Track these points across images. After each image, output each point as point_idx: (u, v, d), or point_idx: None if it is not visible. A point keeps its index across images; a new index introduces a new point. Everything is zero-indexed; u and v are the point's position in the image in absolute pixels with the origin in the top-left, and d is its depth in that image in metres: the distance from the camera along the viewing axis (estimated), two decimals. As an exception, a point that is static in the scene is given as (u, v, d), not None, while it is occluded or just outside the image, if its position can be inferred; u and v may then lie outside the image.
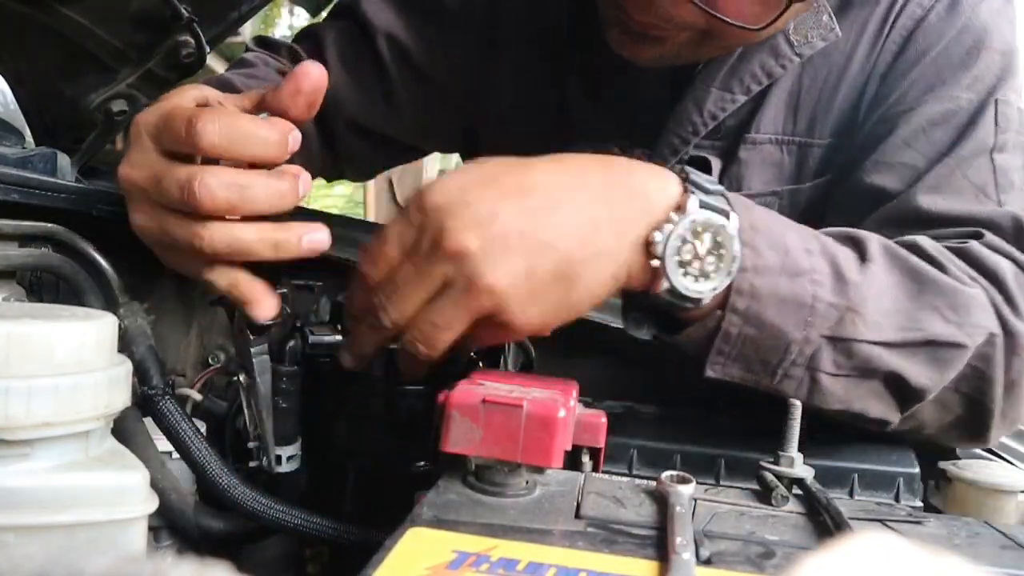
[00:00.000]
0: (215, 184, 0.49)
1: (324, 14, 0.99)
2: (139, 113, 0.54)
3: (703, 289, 0.52)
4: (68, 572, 0.21)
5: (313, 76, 0.52)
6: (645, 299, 0.54)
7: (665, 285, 0.51)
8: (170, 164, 0.51)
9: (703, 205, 0.51)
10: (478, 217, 0.48)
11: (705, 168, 0.84)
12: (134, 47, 0.68)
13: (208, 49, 0.68)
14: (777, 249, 0.54)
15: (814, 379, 0.56)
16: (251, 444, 0.61)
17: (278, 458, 0.60)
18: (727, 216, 0.52)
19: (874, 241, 0.60)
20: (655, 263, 0.51)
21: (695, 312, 0.54)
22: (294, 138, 0.53)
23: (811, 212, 0.87)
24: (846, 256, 0.58)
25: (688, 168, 0.55)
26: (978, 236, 0.68)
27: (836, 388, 0.57)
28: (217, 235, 0.51)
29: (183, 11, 0.63)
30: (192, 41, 0.67)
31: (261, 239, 0.52)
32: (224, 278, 0.53)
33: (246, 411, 0.60)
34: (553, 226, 0.50)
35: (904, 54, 0.79)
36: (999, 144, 0.74)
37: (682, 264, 0.51)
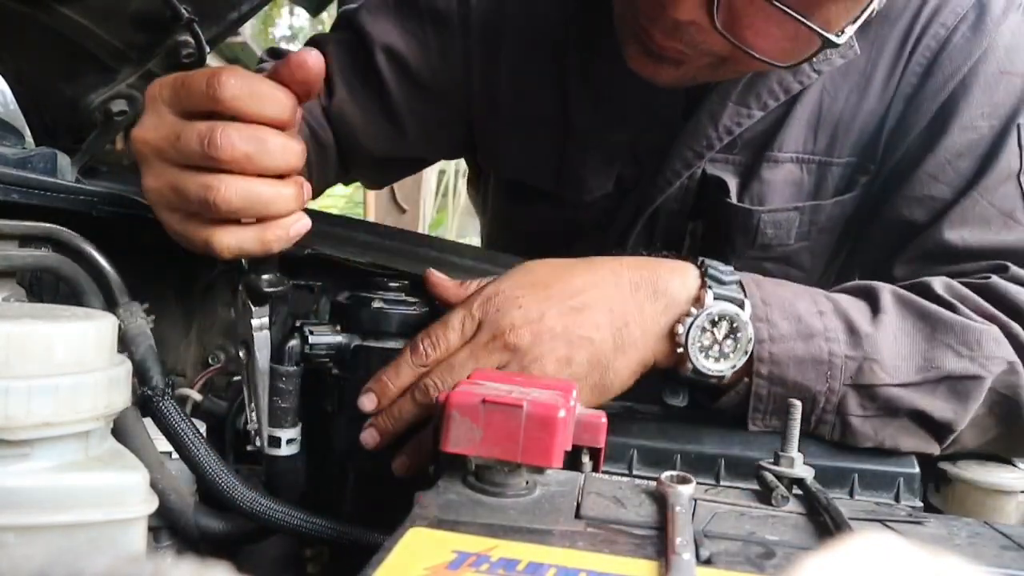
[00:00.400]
0: (236, 135, 0.50)
1: (324, 15, 0.98)
2: (152, 84, 0.54)
3: (723, 368, 0.59)
4: (68, 572, 0.21)
5: (308, 65, 0.53)
6: (676, 374, 0.62)
7: (690, 366, 0.60)
8: (189, 122, 0.52)
9: (718, 297, 0.59)
10: (529, 316, 0.58)
11: (722, 190, 0.85)
12: (134, 47, 0.68)
13: (208, 49, 0.68)
14: (789, 318, 0.60)
15: (845, 422, 0.61)
16: (250, 426, 0.60)
17: (277, 440, 0.60)
18: (741, 305, 0.59)
19: (886, 291, 0.64)
20: (680, 350, 0.59)
21: (725, 382, 0.61)
22: (299, 114, 0.55)
23: (832, 229, 0.89)
24: (859, 310, 0.62)
25: (709, 262, 0.61)
26: (1003, 269, 0.71)
27: (866, 428, 0.61)
28: (233, 187, 0.51)
29: (183, 11, 0.63)
30: (192, 41, 0.67)
31: (276, 194, 0.53)
32: (233, 238, 0.53)
33: (244, 389, 0.60)
34: (589, 324, 0.59)
35: (931, 77, 0.79)
36: None
37: (703, 349, 0.59)
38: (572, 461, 0.48)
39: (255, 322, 0.57)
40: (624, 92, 0.85)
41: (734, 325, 0.59)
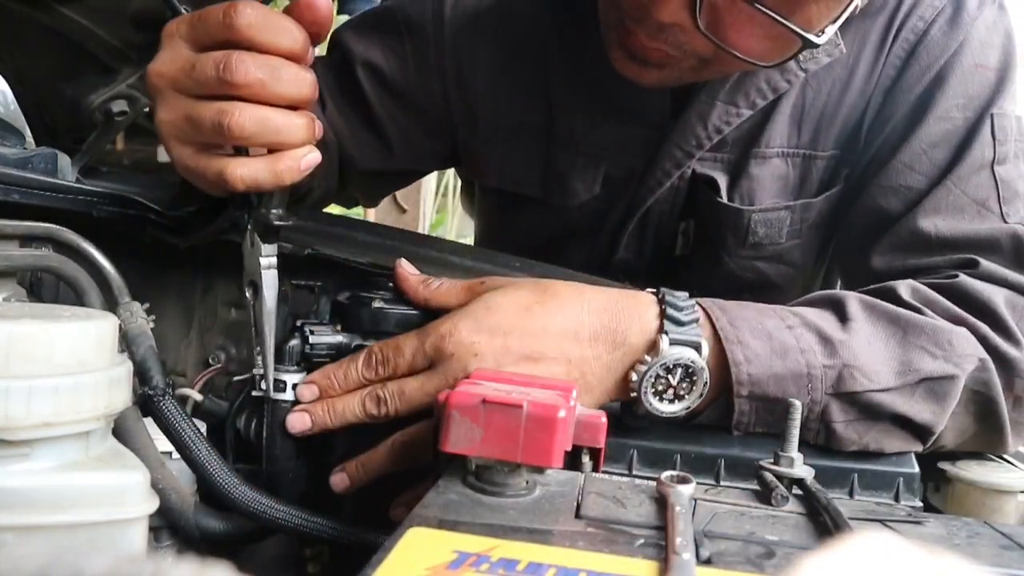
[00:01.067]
0: (250, 61, 0.51)
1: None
2: (168, 23, 0.55)
3: (676, 409, 0.59)
4: (68, 572, 0.21)
5: (317, 5, 0.54)
6: (632, 408, 0.61)
7: (643, 408, 0.59)
8: (205, 53, 0.53)
9: (674, 342, 0.58)
10: (484, 365, 0.57)
11: (712, 188, 0.85)
12: (134, 47, 0.68)
13: (208, 49, 0.68)
14: (760, 336, 0.60)
15: (829, 429, 0.60)
16: (255, 370, 0.61)
17: (282, 384, 0.60)
18: (698, 348, 0.58)
19: (852, 299, 0.64)
20: (633, 394, 0.59)
21: (697, 407, 0.60)
22: (311, 52, 0.55)
23: (821, 224, 0.88)
24: (827, 320, 0.62)
25: (668, 299, 0.60)
26: (972, 264, 0.71)
27: (849, 433, 0.60)
28: (247, 112, 0.52)
29: (183, 11, 0.63)
30: (192, 41, 0.67)
31: (288, 123, 0.53)
32: (246, 168, 0.54)
33: (252, 331, 0.60)
34: (547, 373, 0.58)
35: (908, 69, 0.80)
36: (999, 156, 0.75)
37: (657, 393, 0.59)
38: (572, 461, 0.48)
39: (263, 260, 0.58)
40: (610, 94, 0.85)
41: (689, 370, 0.58)
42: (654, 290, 0.63)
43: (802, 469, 0.47)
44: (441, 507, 0.39)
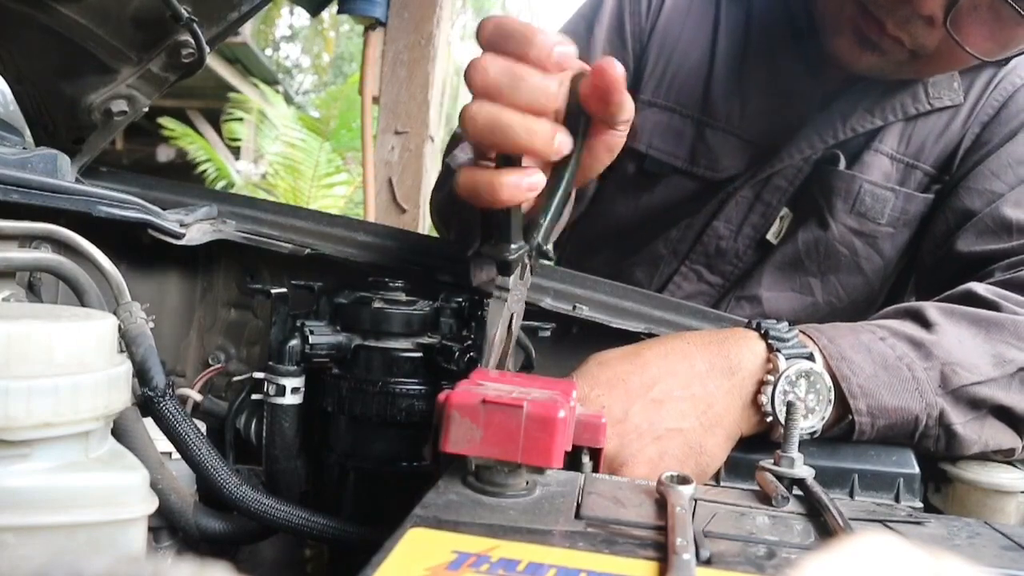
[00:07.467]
0: (491, 64, 0.52)
1: (324, 15, 0.98)
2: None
3: (813, 423, 0.60)
4: (68, 572, 0.21)
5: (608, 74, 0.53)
6: (767, 438, 0.62)
7: (780, 431, 0.58)
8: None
9: (789, 356, 0.60)
10: (614, 416, 0.57)
11: (833, 162, 0.97)
12: (134, 47, 0.68)
13: (208, 49, 0.69)
14: (860, 350, 0.61)
15: (949, 432, 0.62)
16: (257, 375, 0.62)
17: (282, 388, 0.61)
18: (811, 357, 0.60)
19: (929, 307, 0.67)
20: (769, 418, 0.60)
21: (819, 433, 0.61)
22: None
23: (910, 222, 0.99)
24: (912, 327, 0.65)
25: (765, 323, 0.62)
26: None
27: (969, 433, 0.62)
28: (483, 108, 0.53)
29: (183, 11, 0.63)
30: (192, 41, 0.67)
31: (524, 126, 0.52)
32: (469, 175, 0.54)
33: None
34: (675, 413, 0.58)
35: (1004, 110, 0.96)
36: None
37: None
38: (572, 461, 0.48)
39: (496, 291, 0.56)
40: (770, 82, 0.98)
41: (811, 379, 0.59)
42: (746, 321, 0.65)
43: (802, 469, 0.47)
44: (441, 507, 0.39)
